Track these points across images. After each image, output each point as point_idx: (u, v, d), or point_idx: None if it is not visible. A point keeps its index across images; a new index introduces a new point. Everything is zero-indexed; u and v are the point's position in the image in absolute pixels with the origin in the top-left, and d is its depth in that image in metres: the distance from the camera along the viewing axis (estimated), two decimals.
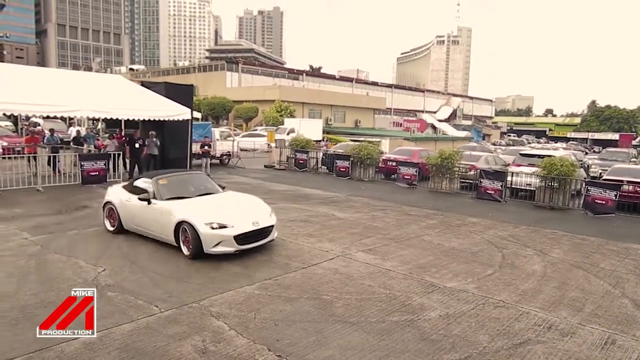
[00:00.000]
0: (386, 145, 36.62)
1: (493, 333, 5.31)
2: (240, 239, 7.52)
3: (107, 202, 9.02)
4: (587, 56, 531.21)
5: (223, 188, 9.25)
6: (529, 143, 73.13)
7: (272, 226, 8.18)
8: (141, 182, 8.72)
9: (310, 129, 40.09)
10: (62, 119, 23.54)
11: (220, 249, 7.41)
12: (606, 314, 6.01)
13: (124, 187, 9.07)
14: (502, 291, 6.65)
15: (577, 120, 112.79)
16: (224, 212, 7.82)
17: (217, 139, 22.32)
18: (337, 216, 11.55)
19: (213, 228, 7.34)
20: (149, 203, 8.06)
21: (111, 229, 8.90)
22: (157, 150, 17.02)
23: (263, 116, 51.28)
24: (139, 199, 8.13)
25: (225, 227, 7.42)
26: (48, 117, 18.88)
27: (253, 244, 7.76)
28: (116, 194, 8.95)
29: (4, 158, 14.80)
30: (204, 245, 7.34)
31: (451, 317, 5.68)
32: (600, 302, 6.42)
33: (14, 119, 25.72)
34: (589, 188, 13.82)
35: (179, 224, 7.57)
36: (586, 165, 24.26)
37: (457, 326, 5.45)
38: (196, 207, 7.90)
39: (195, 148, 18.92)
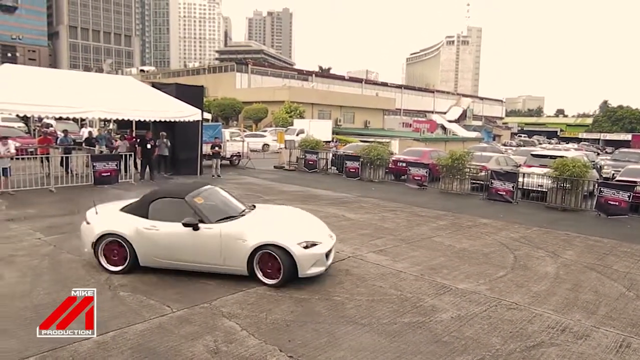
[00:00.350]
0: (396, 145, 36.51)
1: (506, 335, 5.27)
2: (327, 255, 6.75)
3: (107, 234, 6.80)
4: (599, 55, 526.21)
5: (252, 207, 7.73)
6: (540, 144, 72.52)
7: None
8: (158, 203, 6.97)
9: (319, 129, 40.11)
10: (74, 120, 23.74)
11: (314, 270, 6.49)
12: (621, 317, 5.94)
13: (126, 210, 7.12)
14: (514, 293, 6.60)
15: (589, 120, 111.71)
16: (299, 229, 6.95)
17: (227, 140, 22.41)
18: (347, 217, 11.53)
19: (306, 247, 6.40)
20: (196, 229, 6.51)
21: (116, 269, 6.78)
22: (168, 151, 17.16)
23: (272, 117, 51.42)
24: (184, 224, 6.45)
25: (315, 244, 6.51)
26: (60, 118, 19.07)
27: (331, 259, 6.98)
28: (122, 221, 6.89)
29: (17, 159, 14.96)
30: (299, 269, 6.33)
31: (463, 319, 5.64)
32: (614, 305, 6.34)
33: (26, 120, 26.08)
34: (601, 189, 13.67)
35: (257, 249, 6.39)
36: (598, 166, 24.01)
37: (469, 328, 5.41)
38: (270, 226, 6.83)
39: (206, 149, 19.02)
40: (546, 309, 6.07)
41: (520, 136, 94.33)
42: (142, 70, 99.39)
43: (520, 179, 15.45)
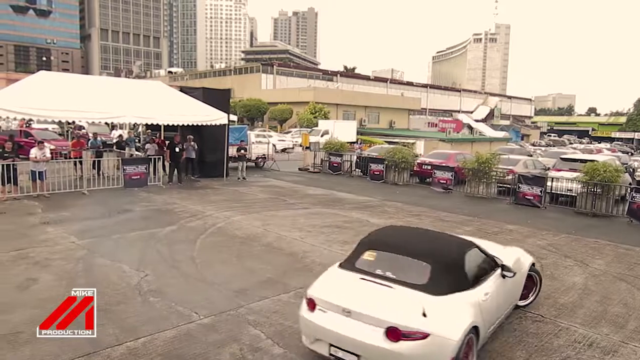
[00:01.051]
0: (421, 146, 36.26)
1: (531, 349, 5.23)
2: None
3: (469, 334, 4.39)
4: (632, 51, 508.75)
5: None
6: (571, 143, 70.84)
7: None
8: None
9: (344, 130, 40.14)
10: (106, 123, 24.42)
11: None
12: None
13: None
14: (540, 304, 6.52)
15: (623, 119, 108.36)
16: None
17: (253, 142, 22.67)
18: (371, 222, 11.56)
19: None
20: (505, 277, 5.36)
21: None
22: (195, 154, 17.49)
23: (297, 118, 51.72)
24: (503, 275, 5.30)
25: None
26: (92, 122, 19.64)
27: None
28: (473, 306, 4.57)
29: (52, 160, 15.48)
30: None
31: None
32: None
33: (60, 122, 26.96)
34: (634, 195, 13.29)
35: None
36: (631, 169, 23.32)
37: (494, 341, 5.38)
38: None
39: (232, 151, 19.30)
40: (573, 322, 5.99)
41: (550, 136, 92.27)
42: (170, 72, 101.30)
43: (549, 183, 15.17)
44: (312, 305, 4.55)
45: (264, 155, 23.26)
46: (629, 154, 52.48)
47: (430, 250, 4.82)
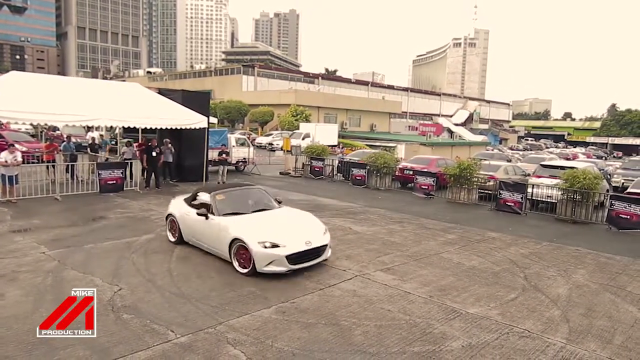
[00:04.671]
0: (402, 150, 36.38)
1: None
2: (292, 258, 7.46)
3: (169, 214, 9.42)
4: (607, 58, 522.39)
5: (279, 203, 9.30)
6: (547, 147, 72.18)
7: (326, 245, 8.11)
8: (201, 196, 8.96)
9: (325, 133, 40.06)
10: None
11: (272, 268, 7.38)
12: (637, 347, 5.75)
13: (185, 200, 9.35)
14: (526, 318, 6.43)
15: (597, 124, 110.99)
16: (278, 230, 7.80)
17: (233, 146, 22.31)
18: (354, 230, 11.39)
19: (265, 247, 7.35)
20: (207, 218, 8.20)
21: (172, 239, 9.29)
22: (172, 158, 17.11)
23: (278, 120, 51.38)
24: (198, 214, 8.28)
25: (277, 246, 7.39)
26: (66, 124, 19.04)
27: (305, 263, 7.73)
28: (177, 206, 9.30)
29: (24, 164, 14.88)
30: (256, 264, 7.38)
31: (474, 348, 5.48)
32: (630, 333, 6.15)
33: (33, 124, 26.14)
34: (612, 202, 13.42)
35: (233, 240, 7.69)
36: (608, 175, 23.72)
37: (480, 359, 5.25)
38: (250, 225, 7.92)
39: (211, 155, 18.94)
40: (559, 337, 5.89)
41: (527, 140, 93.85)
42: (149, 72, 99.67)
43: (529, 190, 15.24)
44: None
45: (244, 159, 22.93)
46: (604, 158, 53.73)
47: None
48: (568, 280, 8.29)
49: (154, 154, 16.00)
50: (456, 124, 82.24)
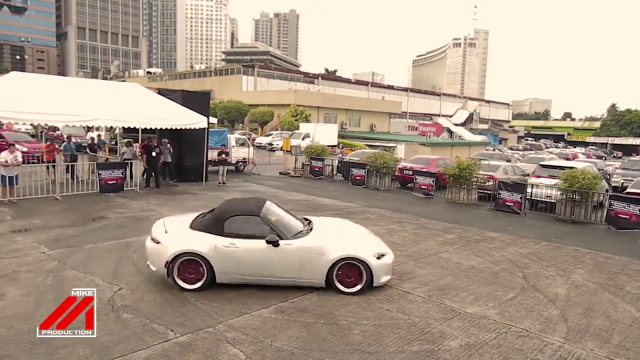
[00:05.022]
0: (402, 150, 36.39)
1: None
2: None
3: (184, 254, 6.79)
4: (607, 59, 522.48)
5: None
6: (547, 147, 72.19)
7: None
8: (237, 220, 7.11)
9: (325, 133, 40.07)
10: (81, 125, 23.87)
11: (385, 278, 7.18)
12: (634, 346, 5.78)
13: (207, 228, 7.06)
14: (524, 318, 6.45)
15: (597, 124, 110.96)
16: (361, 240, 7.62)
17: (233, 146, 22.33)
18: None
19: (378, 259, 7.04)
20: (276, 245, 6.82)
21: (192, 287, 6.81)
22: (171, 158, 17.14)
23: (278, 120, 51.38)
24: (268, 241, 6.77)
25: (383, 255, 7.18)
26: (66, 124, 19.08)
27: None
28: (197, 239, 6.90)
29: (24, 164, 14.90)
30: (374, 279, 6.96)
31: (472, 348, 5.51)
32: (628, 332, 6.18)
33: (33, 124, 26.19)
34: (612, 202, 13.45)
35: (337, 262, 6.89)
36: (607, 175, 23.76)
37: (478, 358, 5.28)
38: (342, 240, 7.41)
39: (211, 155, 18.96)
40: (557, 337, 5.92)
41: (527, 140, 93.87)
42: (149, 72, 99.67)
43: (529, 190, 15.26)
44: None
45: (244, 159, 22.95)
46: (603, 158, 53.75)
47: None
48: (567, 280, 8.32)
49: (153, 154, 16.01)
50: (456, 124, 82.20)
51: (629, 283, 8.31)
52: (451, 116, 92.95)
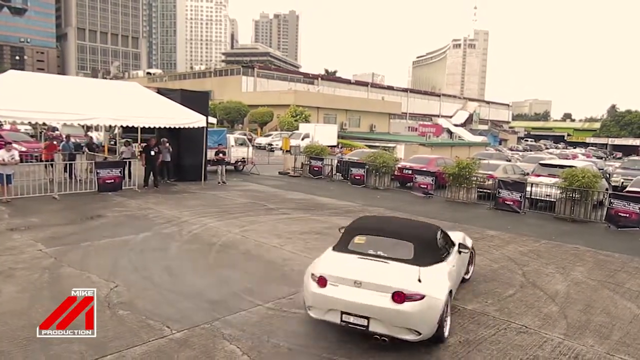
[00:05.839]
0: (401, 150, 36.37)
1: None
2: None
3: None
4: (607, 59, 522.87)
5: None
6: (547, 148, 72.15)
7: None
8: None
9: (325, 134, 40.00)
10: (79, 124, 23.86)
11: None
12: (635, 342, 5.73)
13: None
14: (524, 314, 6.40)
15: (597, 125, 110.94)
16: None
17: (232, 146, 22.29)
18: None
19: None
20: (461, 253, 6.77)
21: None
22: (170, 157, 17.10)
23: (278, 121, 51.36)
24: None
25: None
26: (65, 123, 19.05)
27: None
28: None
29: (22, 162, 14.86)
30: None
31: (472, 344, 5.46)
32: (628, 329, 6.13)
33: (30, 123, 26.17)
34: (612, 201, 13.40)
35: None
36: (607, 174, 23.72)
37: (477, 354, 5.23)
38: None
39: (210, 154, 18.91)
40: (557, 333, 5.87)
41: (527, 140, 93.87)
42: (148, 73, 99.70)
43: (528, 189, 15.22)
44: (322, 282, 5.25)
45: (243, 158, 22.91)
46: (603, 159, 53.72)
47: (409, 232, 5.96)
48: (566, 277, 8.27)
49: (152, 153, 15.98)
50: (456, 125, 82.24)
51: (629, 280, 8.26)
52: (451, 117, 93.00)
